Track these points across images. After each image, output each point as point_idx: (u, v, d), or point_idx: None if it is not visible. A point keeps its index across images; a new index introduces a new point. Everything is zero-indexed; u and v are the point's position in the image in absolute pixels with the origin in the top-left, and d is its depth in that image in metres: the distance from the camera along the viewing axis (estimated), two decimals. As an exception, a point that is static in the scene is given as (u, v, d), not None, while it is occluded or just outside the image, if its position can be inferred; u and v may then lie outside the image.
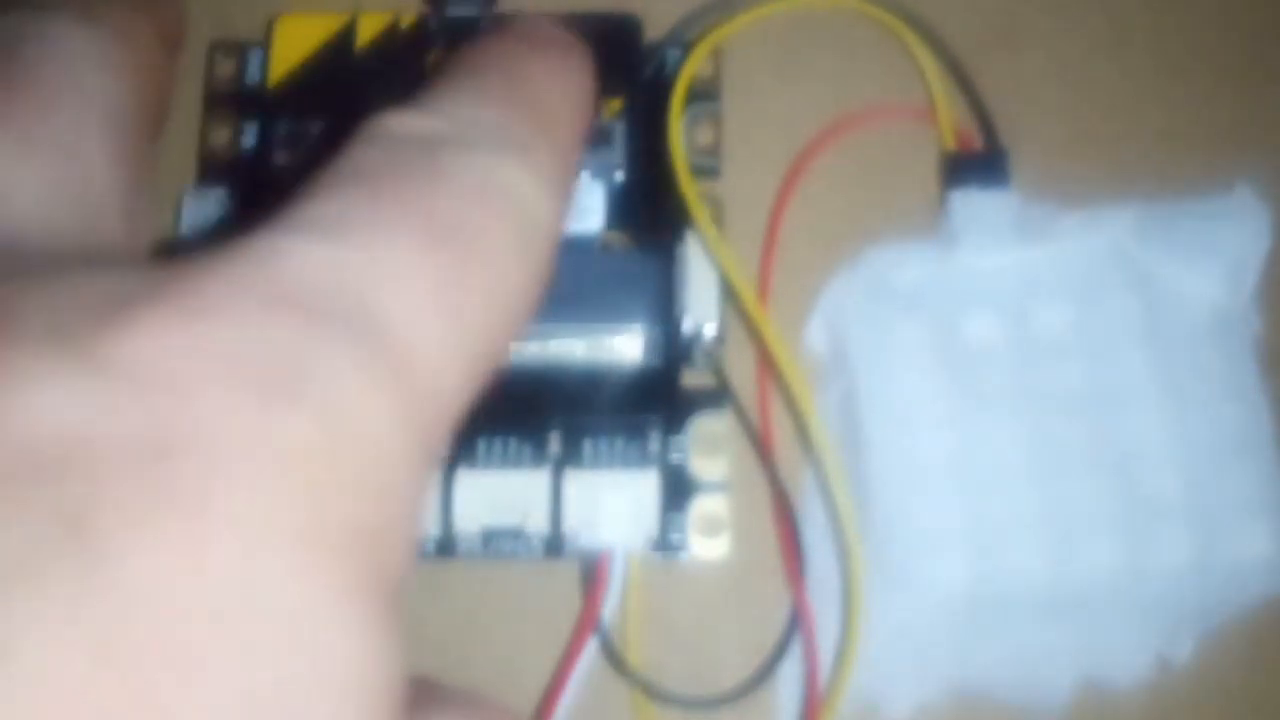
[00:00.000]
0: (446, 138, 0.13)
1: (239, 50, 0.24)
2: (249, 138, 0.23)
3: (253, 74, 0.24)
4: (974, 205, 0.23)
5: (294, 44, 0.23)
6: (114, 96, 0.14)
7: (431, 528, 0.22)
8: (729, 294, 0.23)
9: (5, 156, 0.12)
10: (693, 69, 0.24)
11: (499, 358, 0.13)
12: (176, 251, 0.22)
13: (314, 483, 0.10)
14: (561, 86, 0.15)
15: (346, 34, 0.24)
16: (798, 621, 0.22)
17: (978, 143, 0.24)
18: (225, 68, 0.24)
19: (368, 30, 0.24)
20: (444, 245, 0.12)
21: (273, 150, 0.23)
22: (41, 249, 0.12)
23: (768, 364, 0.23)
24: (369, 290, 0.11)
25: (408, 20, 0.24)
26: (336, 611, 0.10)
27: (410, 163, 0.13)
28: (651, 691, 0.22)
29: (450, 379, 0.11)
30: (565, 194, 0.14)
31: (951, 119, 0.24)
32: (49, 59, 0.13)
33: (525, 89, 0.15)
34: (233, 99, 0.23)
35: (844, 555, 0.22)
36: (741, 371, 0.24)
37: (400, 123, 0.13)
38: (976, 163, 0.24)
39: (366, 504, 0.10)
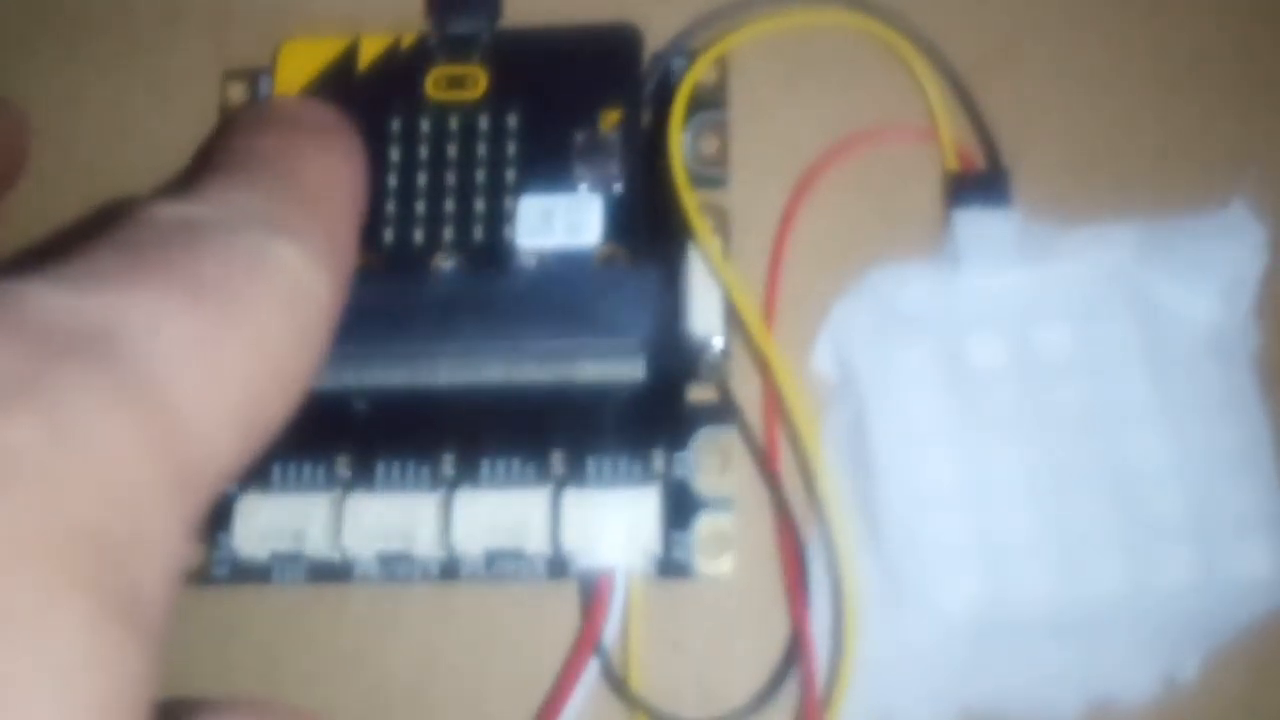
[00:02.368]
0: (213, 221, 0.13)
1: (250, 77, 0.24)
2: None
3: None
4: (976, 225, 0.23)
5: (298, 68, 0.23)
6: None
7: (436, 549, 0.22)
8: (734, 309, 0.23)
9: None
10: (695, 79, 0.24)
11: (269, 418, 0.13)
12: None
13: (35, 480, 0.10)
14: (330, 175, 0.15)
15: (349, 56, 0.24)
16: (798, 642, 0.22)
17: (980, 162, 0.24)
18: (236, 93, 0.24)
19: (370, 51, 0.24)
20: (203, 301, 0.12)
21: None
22: None
23: (773, 382, 0.23)
24: (116, 330, 0.11)
25: (409, 40, 0.24)
26: (51, 605, 0.09)
27: (174, 237, 0.13)
28: (654, 713, 0.22)
29: (210, 426, 0.12)
30: (339, 268, 0.14)
31: (953, 138, 0.24)
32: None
33: (293, 179, 0.15)
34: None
35: (838, 580, 0.22)
36: (747, 385, 0.23)
37: (164, 208, 0.13)
38: (979, 182, 0.24)
39: (98, 510, 0.10)
